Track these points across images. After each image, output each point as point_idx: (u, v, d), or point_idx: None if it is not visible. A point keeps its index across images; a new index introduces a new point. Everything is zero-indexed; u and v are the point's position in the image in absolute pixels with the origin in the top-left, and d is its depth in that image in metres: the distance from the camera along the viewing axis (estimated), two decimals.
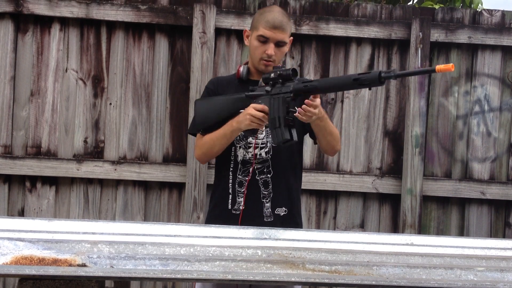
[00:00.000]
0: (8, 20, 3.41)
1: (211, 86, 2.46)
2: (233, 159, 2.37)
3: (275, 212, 2.35)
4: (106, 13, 3.40)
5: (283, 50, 2.36)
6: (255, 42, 2.33)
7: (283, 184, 2.36)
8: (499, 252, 1.87)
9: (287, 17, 2.38)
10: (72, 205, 3.43)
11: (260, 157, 2.35)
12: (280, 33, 2.30)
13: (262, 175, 2.35)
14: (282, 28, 2.31)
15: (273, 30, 2.30)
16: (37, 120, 3.42)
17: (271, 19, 2.31)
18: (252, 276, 1.65)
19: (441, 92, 3.55)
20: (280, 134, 2.18)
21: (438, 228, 3.54)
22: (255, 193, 2.34)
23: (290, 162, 2.39)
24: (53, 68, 3.43)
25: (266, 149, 2.35)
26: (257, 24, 2.34)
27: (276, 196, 2.35)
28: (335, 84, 2.18)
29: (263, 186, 2.34)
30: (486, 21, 3.54)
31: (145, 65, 3.46)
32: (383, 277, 1.70)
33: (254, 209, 2.33)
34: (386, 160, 3.54)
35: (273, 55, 2.31)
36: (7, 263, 1.60)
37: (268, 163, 2.35)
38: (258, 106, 2.22)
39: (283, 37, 2.31)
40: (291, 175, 2.40)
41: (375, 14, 3.53)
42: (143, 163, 3.41)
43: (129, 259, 1.65)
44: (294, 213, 2.40)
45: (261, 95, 2.24)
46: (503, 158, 3.57)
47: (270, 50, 2.30)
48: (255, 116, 2.20)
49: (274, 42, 2.31)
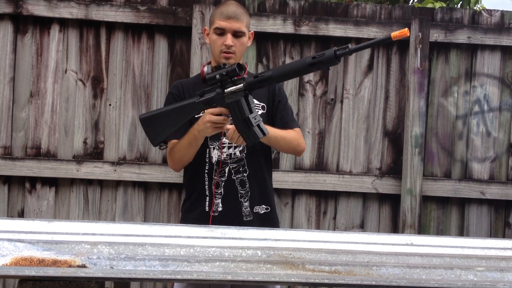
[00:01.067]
0: (7, 21, 3.41)
1: (175, 91, 2.41)
2: (208, 161, 2.35)
3: (254, 210, 2.34)
4: (106, 14, 3.40)
5: (242, 41, 2.35)
6: (213, 36, 2.34)
7: (259, 182, 2.36)
8: (499, 252, 1.87)
9: (242, 9, 2.39)
10: (72, 206, 3.43)
11: (234, 156, 2.34)
12: (235, 23, 2.31)
13: (238, 175, 2.34)
14: (236, 17, 2.32)
15: (227, 20, 2.31)
16: (36, 121, 3.42)
17: (225, 11, 2.33)
18: (252, 277, 1.65)
19: (441, 92, 3.55)
20: (254, 135, 2.12)
21: (438, 228, 3.54)
22: (232, 193, 2.33)
23: (264, 158, 2.39)
24: (52, 69, 3.43)
25: (240, 148, 2.34)
26: (213, 19, 2.37)
27: (254, 195, 2.35)
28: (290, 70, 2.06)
29: (240, 185, 2.33)
30: (485, 21, 3.54)
31: (144, 66, 3.46)
32: (383, 277, 1.70)
33: (233, 209, 2.32)
34: (386, 160, 3.54)
35: (231, 45, 2.31)
36: (7, 264, 1.60)
37: (243, 161, 2.35)
38: (215, 110, 2.15)
39: (239, 26, 2.32)
40: (266, 172, 2.40)
41: (375, 15, 3.53)
42: (142, 164, 3.41)
43: (129, 260, 1.65)
44: (273, 209, 2.41)
45: (214, 98, 2.15)
46: (502, 158, 3.57)
47: (228, 41, 2.31)
48: (215, 121, 2.15)
49: (231, 32, 2.31)
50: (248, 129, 2.11)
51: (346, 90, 3.53)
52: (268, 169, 2.43)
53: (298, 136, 2.40)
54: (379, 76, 3.55)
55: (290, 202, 3.51)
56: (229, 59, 2.32)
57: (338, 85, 3.53)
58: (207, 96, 2.17)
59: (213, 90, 2.17)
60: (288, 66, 2.09)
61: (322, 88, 3.51)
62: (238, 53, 2.34)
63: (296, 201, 3.50)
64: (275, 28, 3.45)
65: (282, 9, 3.50)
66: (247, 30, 2.38)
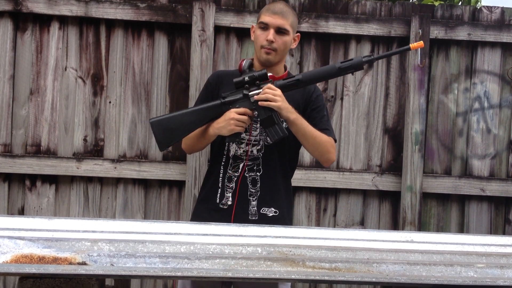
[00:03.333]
0: (7, 18, 3.40)
1: (212, 81, 2.45)
2: (226, 154, 2.36)
3: (261, 211, 2.33)
4: (105, 12, 3.39)
5: (284, 40, 2.32)
6: (258, 31, 2.34)
7: (271, 183, 2.34)
8: (499, 249, 1.87)
9: (290, 8, 2.38)
10: (72, 203, 3.43)
11: (251, 154, 2.33)
12: (279, 19, 2.30)
13: (251, 173, 2.33)
14: (282, 14, 2.31)
15: (272, 15, 2.30)
16: (36, 118, 3.42)
17: (272, 7, 2.34)
18: (252, 274, 1.66)
19: (441, 89, 3.55)
20: (279, 130, 2.21)
21: (438, 225, 3.54)
22: (243, 190, 2.33)
23: (281, 162, 2.36)
24: (52, 67, 3.42)
25: (258, 146, 2.33)
26: (260, 15, 2.37)
27: (263, 195, 2.33)
28: (319, 74, 2.23)
29: (251, 183, 2.33)
30: (485, 18, 3.54)
31: (144, 63, 3.46)
32: (383, 274, 1.70)
33: (241, 206, 2.32)
34: (386, 157, 3.54)
35: (273, 41, 2.28)
36: (7, 261, 1.60)
37: (259, 161, 2.33)
38: (239, 110, 2.21)
39: (283, 23, 2.30)
40: (281, 176, 2.37)
41: (375, 11, 3.52)
42: (143, 161, 3.41)
43: (129, 257, 1.65)
44: (284, 215, 2.37)
45: (239, 99, 2.23)
46: (503, 155, 3.57)
47: (270, 36, 2.28)
48: (240, 119, 2.20)
49: (274, 27, 2.29)
50: (273, 125, 2.20)
51: (346, 87, 3.52)
52: (285, 173, 2.40)
53: (330, 145, 2.35)
54: (379, 73, 3.54)
55: None
56: (269, 54, 2.30)
57: (338, 82, 3.53)
58: (232, 97, 2.24)
59: (239, 92, 2.24)
60: (317, 71, 2.28)
61: (322, 85, 3.50)
62: (279, 51, 2.32)
63: (296, 198, 3.50)
64: None
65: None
66: (292, 30, 2.34)
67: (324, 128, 2.36)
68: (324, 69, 2.28)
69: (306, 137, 2.29)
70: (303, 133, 2.28)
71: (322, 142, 2.31)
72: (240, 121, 2.21)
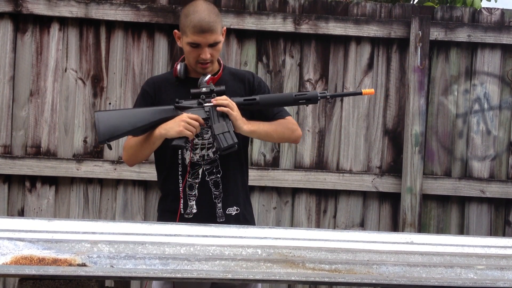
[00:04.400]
0: (7, 20, 3.40)
1: (148, 88, 2.36)
2: (181, 162, 2.30)
3: (227, 212, 2.31)
4: (105, 13, 3.40)
5: (218, 48, 2.26)
6: (187, 47, 2.23)
7: (232, 183, 2.33)
8: (499, 251, 1.87)
9: (214, 14, 2.22)
10: (72, 204, 3.43)
11: (208, 157, 2.30)
12: (210, 36, 2.19)
13: (212, 176, 2.30)
14: (211, 30, 2.18)
15: (202, 34, 2.18)
16: (36, 120, 3.42)
17: (198, 23, 2.17)
18: (252, 275, 1.65)
19: (441, 91, 3.55)
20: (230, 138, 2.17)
21: (438, 227, 3.54)
22: (206, 194, 2.29)
23: (238, 160, 2.35)
24: (52, 68, 3.43)
25: (213, 149, 2.30)
26: (185, 29, 2.22)
27: (227, 196, 2.31)
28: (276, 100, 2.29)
29: (213, 186, 2.30)
30: (485, 20, 3.54)
31: (144, 64, 3.46)
32: (383, 275, 1.70)
33: (207, 211, 2.29)
34: (386, 159, 3.54)
35: (208, 58, 2.22)
36: (7, 263, 1.60)
37: (217, 163, 2.31)
38: (192, 115, 2.17)
39: (215, 38, 2.21)
40: (239, 174, 2.36)
41: (375, 13, 3.53)
42: (142, 163, 3.40)
43: (129, 259, 1.65)
44: (245, 212, 2.36)
45: (193, 107, 2.21)
46: (502, 157, 3.57)
47: (204, 55, 2.21)
48: (190, 123, 2.14)
49: (206, 45, 2.21)
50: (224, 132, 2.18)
51: (346, 88, 3.52)
52: (241, 170, 2.39)
53: (291, 124, 2.35)
54: (379, 74, 3.54)
55: (290, 201, 3.51)
56: (206, 69, 2.27)
57: (338, 84, 3.53)
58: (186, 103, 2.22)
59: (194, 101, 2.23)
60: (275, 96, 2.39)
61: (322, 87, 3.50)
62: (215, 59, 2.29)
63: (296, 199, 3.50)
64: (275, 27, 3.45)
65: (282, 8, 3.50)
66: (221, 33, 2.27)
67: (277, 112, 2.35)
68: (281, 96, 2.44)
69: (269, 135, 2.31)
70: (265, 134, 2.30)
71: (284, 129, 2.33)
72: (190, 125, 2.15)
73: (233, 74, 2.41)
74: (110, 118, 2.20)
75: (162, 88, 2.34)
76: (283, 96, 2.36)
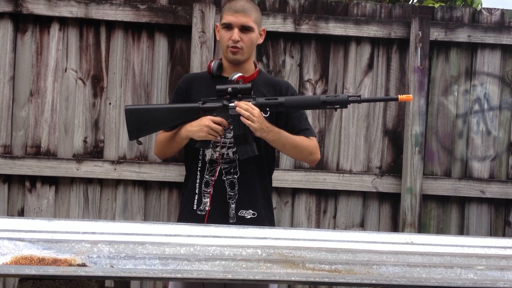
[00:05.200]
0: (7, 20, 3.40)
1: (182, 85, 2.43)
2: (201, 159, 2.33)
3: (239, 214, 2.30)
4: (105, 13, 3.40)
5: (250, 37, 2.31)
6: (222, 31, 2.33)
7: (249, 186, 2.32)
8: (499, 251, 1.87)
9: (252, 4, 2.35)
10: (72, 205, 3.43)
11: (227, 157, 2.31)
12: (242, 17, 2.28)
13: (228, 176, 2.31)
14: (244, 11, 2.29)
15: (234, 14, 2.28)
16: (36, 120, 3.42)
17: (233, 5, 2.31)
18: (252, 276, 1.65)
19: (441, 91, 3.55)
20: (250, 151, 2.22)
21: (438, 227, 3.54)
22: (221, 193, 2.30)
23: (258, 164, 2.34)
24: (52, 68, 3.43)
25: (233, 149, 2.31)
26: (222, 15, 2.36)
27: (241, 198, 2.31)
28: (302, 102, 2.26)
29: (229, 186, 2.30)
30: (485, 20, 3.54)
31: (144, 64, 3.46)
32: (383, 276, 1.70)
33: (220, 210, 2.30)
34: (386, 159, 3.54)
35: (238, 40, 2.28)
36: (7, 263, 1.60)
37: (235, 163, 2.31)
38: (216, 119, 2.21)
39: (246, 20, 2.29)
40: (258, 178, 2.35)
41: (375, 13, 3.53)
42: (142, 163, 3.40)
43: (129, 259, 1.65)
44: (261, 216, 2.34)
45: (217, 108, 2.22)
46: (502, 157, 3.57)
47: (235, 35, 2.27)
48: (214, 129, 2.20)
49: (238, 26, 2.28)
50: (245, 144, 2.21)
51: (346, 88, 3.52)
52: (262, 174, 2.37)
53: (312, 146, 2.35)
54: (379, 74, 3.54)
55: (290, 201, 3.51)
56: (236, 53, 2.29)
57: (338, 84, 3.53)
58: (211, 104, 2.23)
59: (219, 101, 2.23)
60: (301, 98, 2.36)
61: (322, 87, 3.50)
62: (246, 49, 2.31)
63: (296, 200, 3.50)
64: (275, 27, 3.45)
65: (282, 8, 3.50)
66: (257, 26, 2.33)
67: (304, 128, 2.36)
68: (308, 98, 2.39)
69: (286, 148, 2.31)
70: (282, 146, 2.30)
71: (303, 147, 2.32)
72: (213, 129, 2.20)
73: (268, 80, 2.43)
74: (139, 115, 2.28)
75: (194, 85, 2.39)
76: (310, 99, 2.31)
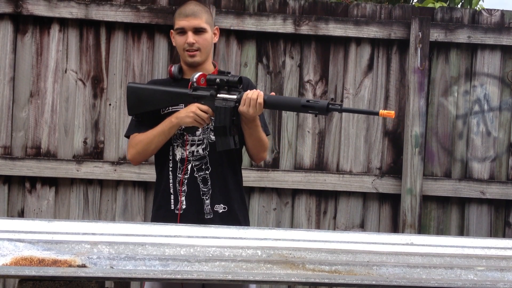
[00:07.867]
0: (7, 21, 3.41)
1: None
2: (172, 158, 2.36)
3: (214, 209, 2.34)
4: (106, 14, 3.40)
5: (205, 38, 2.35)
6: (176, 37, 2.37)
7: (221, 180, 2.35)
8: (499, 252, 1.87)
9: (201, 7, 2.40)
10: (72, 206, 3.43)
11: (197, 154, 2.34)
12: (193, 20, 2.33)
13: (200, 172, 2.34)
14: (194, 14, 2.34)
15: (186, 18, 2.33)
16: (36, 121, 3.42)
17: (183, 10, 2.36)
18: (252, 277, 1.65)
19: (441, 92, 3.55)
20: (227, 143, 2.25)
21: (438, 228, 3.54)
22: (195, 190, 2.33)
23: (228, 158, 2.37)
24: (52, 69, 3.43)
25: (203, 145, 2.35)
26: (174, 21, 2.40)
27: (215, 193, 2.34)
28: (283, 103, 2.27)
29: (202, 183, 2.33)
30: (485, 21, 3.54)
31: (144, 65, 3.46)
32: (383, 277, 1.70)
33: (195, 207, 2.32)
34: (386, 160, 3.54)
35: (193, 42, 2.32)
36: (7, 264, 1.60)
37: (206, 159, 2.34)
38: (202, 107, 2.25)
39: (198, 22, 2.33)
40: (229, 171, 2.39)
41: (375, 14, 3.53)
42: (142, 164, 3.40)
43: (129, 260, 1.65)
44: (234, 210, 2.37)
45: (205, 97, 2.26)
46: (502, 158, 3.57)
47: (189, 38, 2.32)
48: (200, 116, 2.24)
49: (191, 29, 2.33)
50: (225, 136, 2.24)
51: (346, 89, 3.53)
52: (233, 168, 2.41)
53: (266, 143, 2.41)
54: (379, 75, 3.55)
55: (290, 202, 3.51)
56: (193, 56, 2.34)
57: (338, 85, 3.53)
58: (200, 92, 2.27)
59: (207, 91, 2.27)
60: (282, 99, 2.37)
61: (322, 88, 3.51)
62: (203, 50, 2.35)
63: (296, 200, 3.50)
64: (275, 28, 3.45)
65: (282, 9, 3.50)
66: (209, 26, 2.38)
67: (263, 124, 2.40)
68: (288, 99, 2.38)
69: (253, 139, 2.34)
70: (255, 137, 2.33)
71: (263, 144, 2.37)
72: (199, 117, 2.24)
73: None
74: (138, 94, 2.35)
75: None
76: (290, 101, 2.31)
